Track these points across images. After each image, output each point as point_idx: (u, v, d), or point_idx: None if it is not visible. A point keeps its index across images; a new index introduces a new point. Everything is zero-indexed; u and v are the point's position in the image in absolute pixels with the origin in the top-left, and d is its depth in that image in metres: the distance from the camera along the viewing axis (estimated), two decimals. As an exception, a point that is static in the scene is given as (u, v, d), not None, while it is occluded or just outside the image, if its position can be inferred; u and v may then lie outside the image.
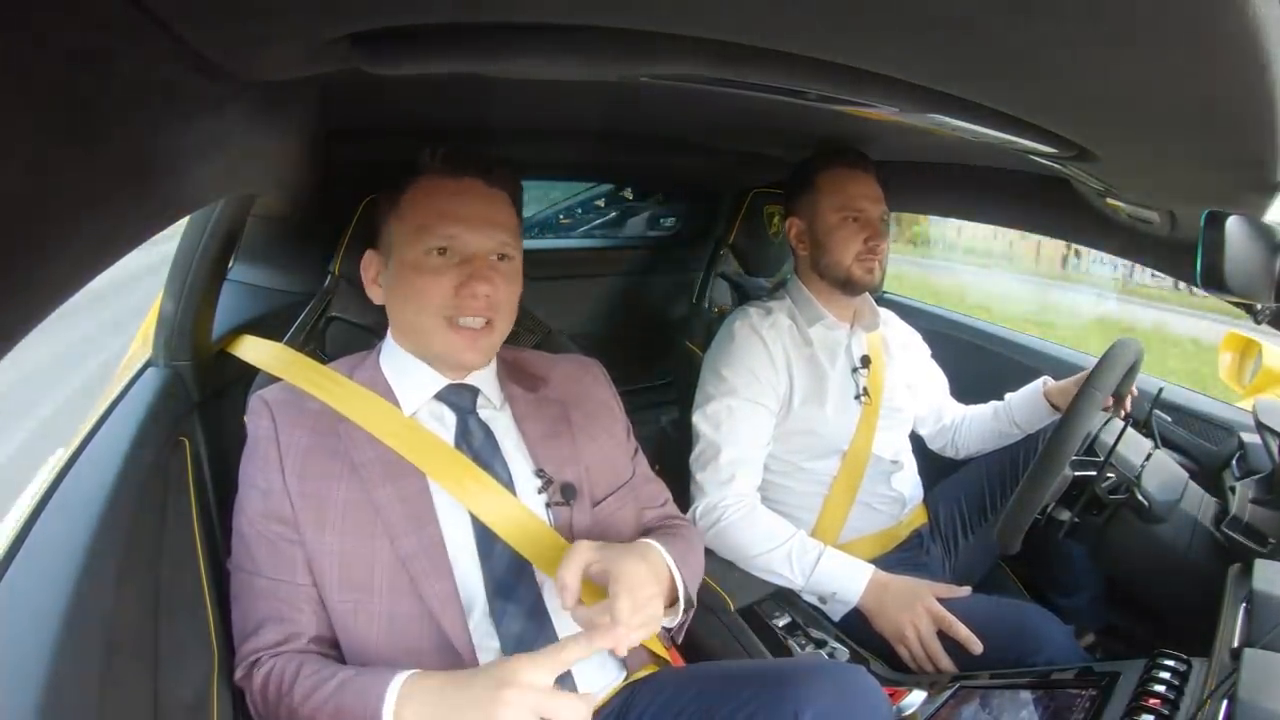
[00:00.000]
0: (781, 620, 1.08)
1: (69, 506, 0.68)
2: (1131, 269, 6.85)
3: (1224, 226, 0.67)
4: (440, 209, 0.81)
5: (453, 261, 0.80)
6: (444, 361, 0.85)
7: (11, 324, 0.32)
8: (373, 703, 0.65)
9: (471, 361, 0.84)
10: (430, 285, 0.80)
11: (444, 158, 0.83)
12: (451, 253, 0.80)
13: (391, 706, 0.65)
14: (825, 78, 0.52)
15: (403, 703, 0.65)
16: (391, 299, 0.85)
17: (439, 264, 0.80)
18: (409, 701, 0.65)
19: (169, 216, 0.49)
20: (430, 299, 0.80)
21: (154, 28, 0.34)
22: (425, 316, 0.81)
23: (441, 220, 0.80)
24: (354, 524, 0.77)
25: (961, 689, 0.93)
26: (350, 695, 0.67)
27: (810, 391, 1.25)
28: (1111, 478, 1.05)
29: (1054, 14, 0.37)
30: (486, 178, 0.84)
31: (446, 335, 0.81)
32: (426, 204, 0.81)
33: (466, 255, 0.81)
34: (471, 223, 0.81)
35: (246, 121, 0.56)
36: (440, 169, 0.83)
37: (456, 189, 0.82)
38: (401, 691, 0.65)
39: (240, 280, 1.12)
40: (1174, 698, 0.78)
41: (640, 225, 1.97)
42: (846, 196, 1.22)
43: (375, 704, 0.65)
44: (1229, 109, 0.49)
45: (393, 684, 0.66)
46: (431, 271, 0.80)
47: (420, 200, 0.82)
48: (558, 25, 0.45)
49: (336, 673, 0.71)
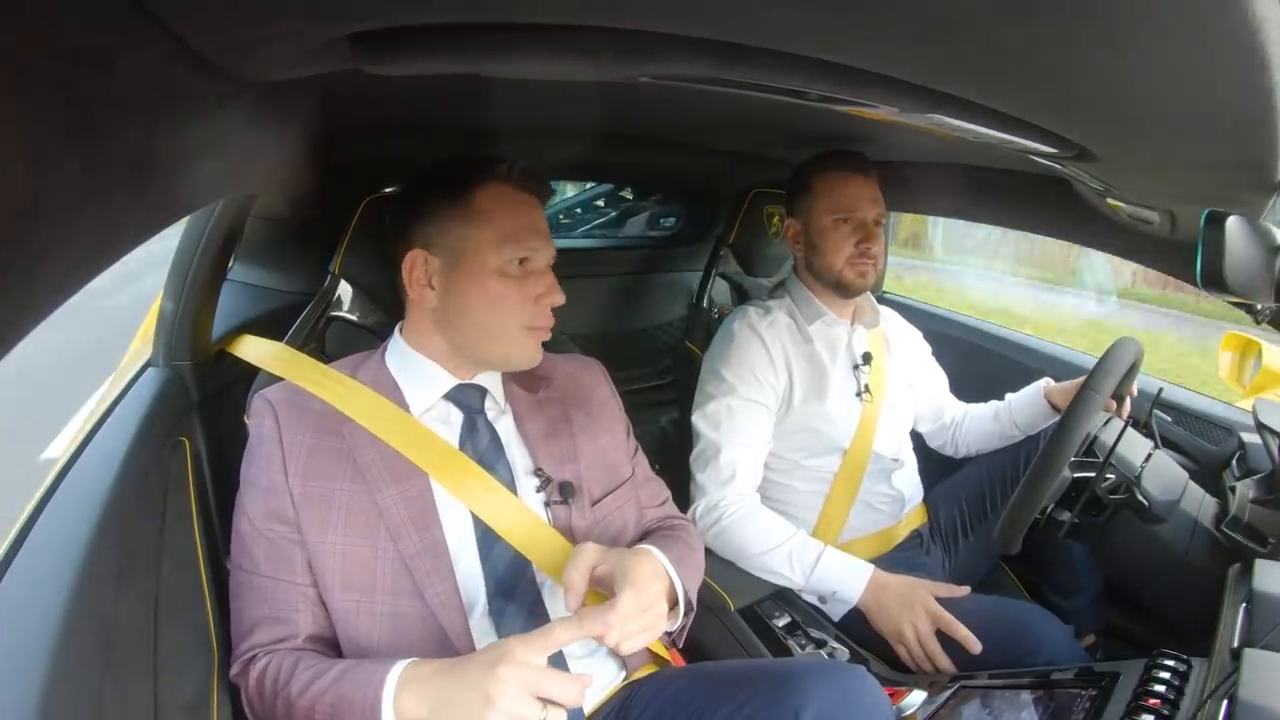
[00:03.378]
0: (781, 620, 1.08)
1: (69, 507, 0.68)
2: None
3: (1224, 226, 0.67)
4: (520, 222, 0.83)
5: (527, 271, 0.83)
6: (504, 363, 0.87)
7: (11, 324, 0.32)
8: (373, 690, 0.66)
9: (535, 361, 0.86)
10: (514, 292, 0.82)
11: (521, 172, 0.84)
12: (527, 263, 0.83)
13: (391, 693, 0.65)
14: (825, 78, 0.52)
15: (402, 688, 0.66)
16: (457, 302, 0.82)
17: (519, 273, 0.83)
18: (408, 687, 0.66)
19: (169, 216, 0.49)
20: (515, 305, 0.82)
21: (154, 27, 0.34)
22: (506, 321, 0.83)
23: (526, 232, 0.83)
24: (357, 524, 0.77)
25: (961, 689, 0.93)
26: (349, 685, 0.68)
27: (811, 388, 1.25)
28: (1111, 478, 1.05)
29: (1054, 13, 0.37)
30: (541, 195, 0.87)
31: (524, 339, 0.84)
32: (507, 216, 0.82)
33: (538, 267, 0.84)
34: (545, 237, 0.85)
35: (246, 121, 0.56)
36: (512, 180, 0.84)
37: (529, 203, 0.85)
38: (401, 678, 0.66)
39: (240, 280, 1.12)
40: (1174, 698, 0.78)
41: (640, 225, 1.97)
42: (840, 199, 1.23)
43: (375, 691, 0.66)
44: (1229, 109, 0.49)
45: (393, 671, 0.67)
46: (514, 280, 0.82)
47: (498, 210, 0.82)
48: (557, 25, 0.45)
49: (335, 664, 0.71)
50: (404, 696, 0.65)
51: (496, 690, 0.61)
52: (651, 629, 0.73)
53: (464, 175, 0.83)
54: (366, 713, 0.65)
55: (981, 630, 1.01)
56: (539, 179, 0.86)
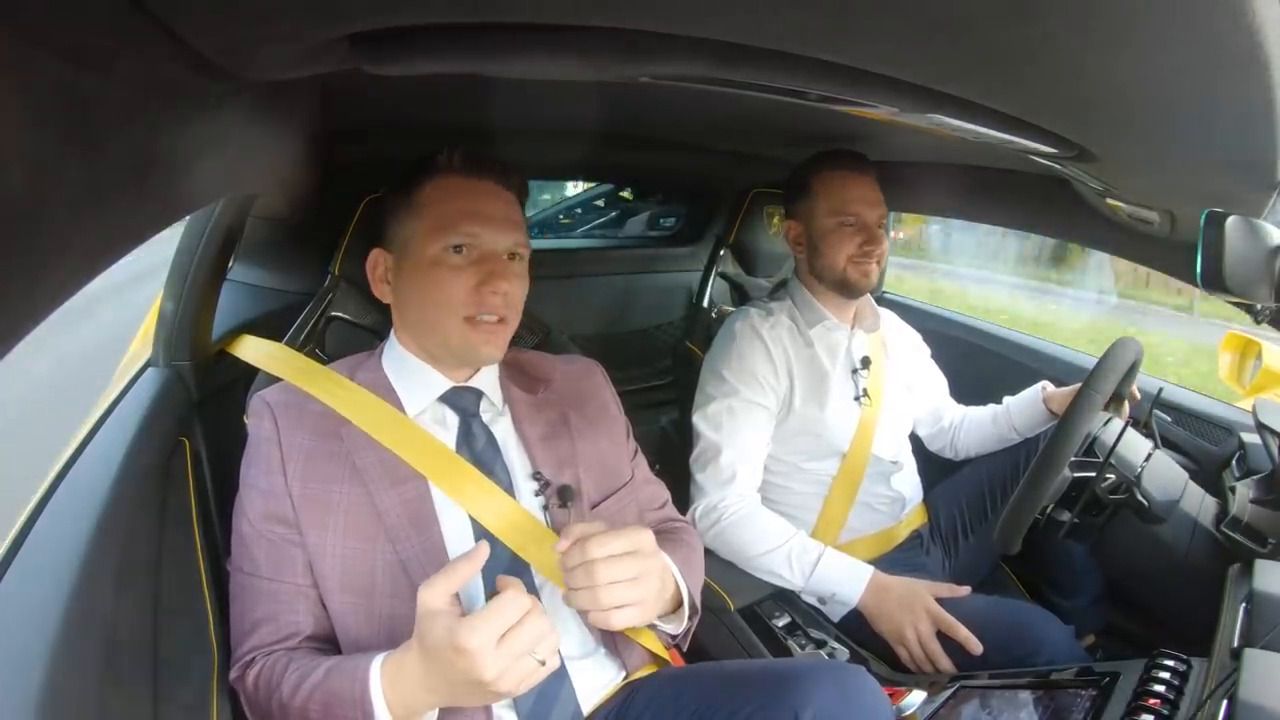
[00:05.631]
0: (781, 620, 1.08)
1: (69, 507, 0.67)
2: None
3: (1224, 226, 0.67)
4: (460, 208, 0.81)
5: (470, 259, 0.81)
6: (459, 358, 0.85)
7: (11, 324, 0.32)
8: (359, 683, 0.66)
9: (488, 356, 0.84)
10: (450, 282, 0.80)
11: (462, 158, 0.83)
12: (469, 250, 0.81)
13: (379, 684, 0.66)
14: (825, 78, 0.52)
15: (393, 679, 0.66)
16: (405, 297, 0.84)
17: (458, 261, 0.81)
18: (401, 676, 0.66)
19: (169, 216, 0.49)
20: (451, 295, 0.80)
21: (154, 28, 0.34)
22: (444, 313, 0.81)
23: (463, 219, 0.81)
24: (355, 527, 0.77)
25: (961, 689, 0.93)
26: (336, 680, 0.68)
27: (811, 392, 1.25)
28: (1111, 478, 1.05)
29: (1054, 14, 0.37)
30: (502, 179, 0.85)
31: (465, 331, 0.81)
32: (446, 203, 0.82)
33: (484, 254, 0.82)
34: (490, 222, 0.82)
35: (246, 121, 0.56)
36: (458, 169, 0.83)
37: (475, 189, 0.83)
38: (385, 670, 0.67)
39: (240, 280, 1.12)
40: (1174, 698, 0.78)
41: (640, 225, 1.97)
42: (841, 200, 1.22)
43: (362, 684, 0.66)
44: (1229, 109, 0.49)
45: (375, 663, 0.67)
46: (451, 269, 0.81)
47: (439, 199, 0.82)
48: (557, 25, 0.45)
49: (322, 663, 0.71)
50: (400, 684, 0.66)
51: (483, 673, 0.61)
52: (635, 603, 0.72)
53: (416, 171, 0.84)
54: (355, 706, 0.66)
55: (981, 630, 1.01)
56: (490, 161, 0.84)
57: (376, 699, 0.66)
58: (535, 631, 0.63)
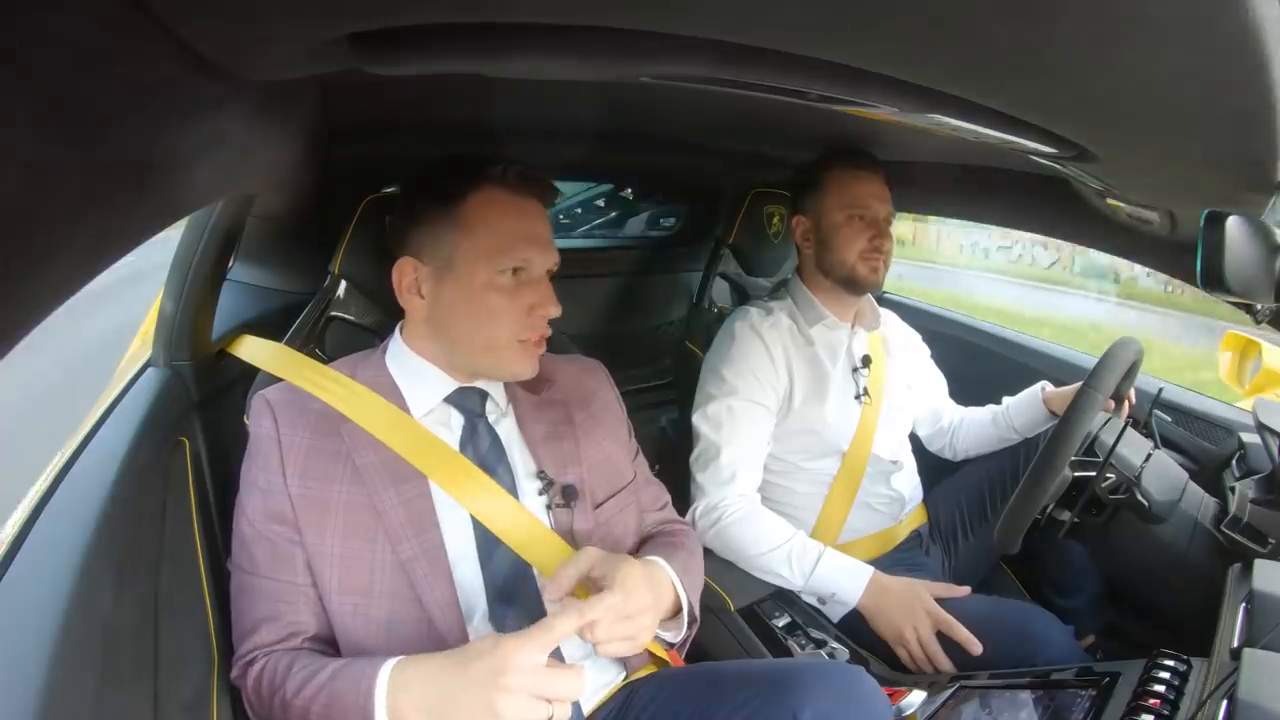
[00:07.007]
0: (781, 620, 1.08)
1: (69, 507, 0.67)
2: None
3: (1224, 226, 0.67)
4: (514, 229, 0.80)
5: (520, 281, 0.81)
6: (496, 374, 0.85)
7: (11, 324, 0.32)
8: (364, 690, 0.65)
9: (529, 371, 0.84)
10: (505, 306, 0.80)
11: (518, 175, 0.81)
12: (523, 273, 0.81)
13: (384, 693, 0.65)
14: (825, 78, 0.52)
15: (396, 688, 0.65)
16: (447, 313, 0.81)
17: (511, 284, 0.80)
18: (404, 688, 0.65)
19: (169, 216, 0.49)
20: (508, 320, 0.80)
21: (154, 28, 0.34)
22: (499, 335, 0.81)
23: (518, 242, 0.80)
24: (355, 527, 0.77)
25: (961, 689, 0.93)
26: (341, 683, 0.68)
27: (811, 391, 1.25)
28: (1111, 478, 1.05)
29: (1054, 14, 0.37)
30: (544, 198, 0.84)
31: (514, 351, 0.82)
32: (498, 222, 0.79)
33: (535, 276, 0.82)
34: (541, 245, 0.82)
35: (246, 121, 0.56)
36: (510, 185, 0.81)
37: (523, 209, 0.82)
38: (393, 680, 0.66)
39: (240, 280, 1.12)
40: (1174, 698, 0.78)
41: (640, 225, 1.97)
42: (853, 195, 1.23)
43: (367, 691, 0.65)
44: (1229, 109, 0.49)
45: (383, 670, 0.66)
46: (505, 292, 0.80)
47: (491, 218, 0.79)
48: (557, 25, 0.45)
49: (328, 664, 0.71)
50: (400, 697, 0.65)
51: (503, 702, 0.61)
52: (634, 639, 0.72)
53: (457, 180, 0.80)
54: (358, 712, 0.65)
55: (981, 630, 1.01)
56: (540, 181, 0.83)
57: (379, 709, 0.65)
58: (571, 688, 0.63)
